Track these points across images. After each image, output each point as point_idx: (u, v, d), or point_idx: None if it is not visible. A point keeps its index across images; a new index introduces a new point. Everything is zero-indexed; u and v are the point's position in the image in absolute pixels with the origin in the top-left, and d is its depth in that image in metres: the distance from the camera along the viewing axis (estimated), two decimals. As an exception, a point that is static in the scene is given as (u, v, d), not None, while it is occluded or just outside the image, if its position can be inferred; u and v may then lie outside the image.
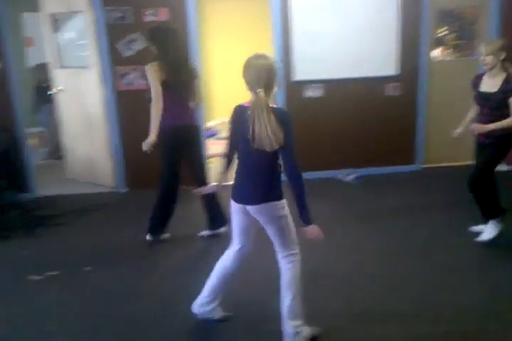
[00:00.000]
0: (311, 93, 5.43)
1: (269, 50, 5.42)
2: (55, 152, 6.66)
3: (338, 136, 5.57)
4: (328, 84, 5.42)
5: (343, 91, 5.46)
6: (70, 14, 5.28)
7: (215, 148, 7.24)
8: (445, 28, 5.64)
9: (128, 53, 4.99)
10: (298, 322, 2.47)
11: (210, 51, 9.10)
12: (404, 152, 5.73)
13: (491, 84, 3.55)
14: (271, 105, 2.32)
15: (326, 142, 5.55)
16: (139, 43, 4.97)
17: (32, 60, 7.76)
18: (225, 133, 8.99)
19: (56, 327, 2.84)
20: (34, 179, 5.28)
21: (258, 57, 2.36)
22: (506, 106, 3.44)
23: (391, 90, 5.51)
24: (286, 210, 2.43)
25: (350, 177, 5.48)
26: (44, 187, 5.39)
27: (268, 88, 2.34)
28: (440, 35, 5.64)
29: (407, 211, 4.50)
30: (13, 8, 6.80)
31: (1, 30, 4.82)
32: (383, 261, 3.52)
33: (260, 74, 2.31)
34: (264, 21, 5.58)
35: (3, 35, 4.84)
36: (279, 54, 5.28)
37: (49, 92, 5.83)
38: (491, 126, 3.48)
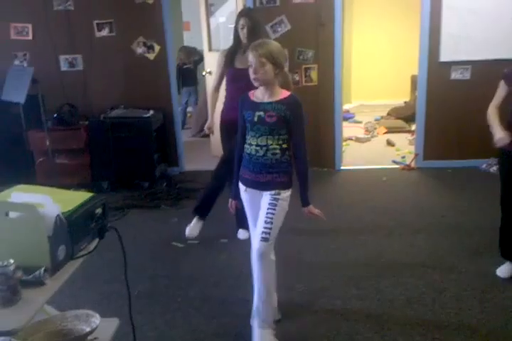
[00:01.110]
0: (458, 75, 5.12)
1: (416, 29, 5.23)
2: (201, 130, 7.13)
3: (486, 123, 5.19)
4: (476, 65, 5.06)
5: (494, 73, 5.05)
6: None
7: (350, 130, 7.23)
8: None
9: (273, 36, 5.13)
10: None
11: (355, 33, 8.96)
12: None
13: None
14: None
15: (473, 129, 5.22)
16: (283, 26, 5.09)
17: (188, 43, 8.33)
18: (359, 116, 8.88)
19: (190, 290, 3.13)
20: (182, 155, 5.73)
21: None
22: None
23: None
24: None
25: (495, 169, 5.10)
26: (190, 162, 5.83)
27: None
28: None
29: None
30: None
31: (163, 15, 5.24)
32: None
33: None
34: (414, 0, 5.36)
35: (165, 20, 5.26)
36: (426, 32, 5.05)
37: (203, 73, 6.15)
38: None
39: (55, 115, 5.05)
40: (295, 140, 2.49)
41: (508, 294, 2.94)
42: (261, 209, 2.50)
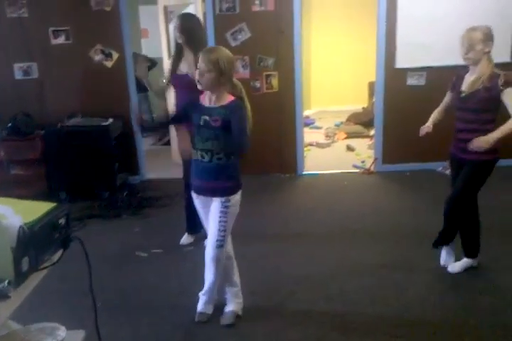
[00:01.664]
0: (414, 81, 5.28)
1: (373, 36, 5.36)
2: (162, 138, 7.07)
3: (440, 127, 5.36)
4: (431, 71, 5.23)
5: (448, 80, 5.23)
6: (183, 6, 5.55)
7: (311, 136, 7.32)
8: None
9: (234, 43, 5.15)
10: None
11: (314, 40, 9.10)
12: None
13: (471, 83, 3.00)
14: None
15: (429, 133, 5.37)
16: (243, 33, 5.13)
17: (146, 50, 8.25)
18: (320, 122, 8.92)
19: (155, 299, 3.09)
20: (144, 163, 5.66)
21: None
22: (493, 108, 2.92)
23: (503, 79, 5.20)
24: None
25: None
26: (152, 170, 5.77)
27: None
28: None
29: None
30: (130, 1, 7.27)
31: (121, 22, 5.17)
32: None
33: None
34: (370, 8, 5.50)
35: (123, 27, 5.20)
36: (382, 40, 5.20)
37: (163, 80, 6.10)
38: (496, 135, 2.82)
39: (9, 124, 4.90)
40: (234, 133, 2.48)
41: (466, 291, 3.04)
42: (212, 215, 2.60)
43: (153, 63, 6.95)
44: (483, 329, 2.66)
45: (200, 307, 2.84)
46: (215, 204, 2.59)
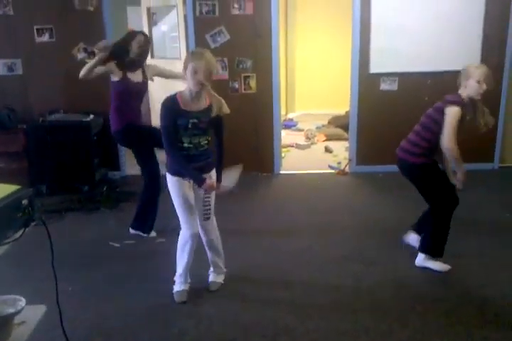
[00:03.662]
0: (386, 86, 5.48)
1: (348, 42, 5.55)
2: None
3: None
4: (403, 77, 5.43)
5: (419, 85, 5.45)
6: (165, 8, 5.72)
7: (292, 138, 7.51)
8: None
9: (213, 45, 5.32)
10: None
11: (293, 45, 9.31)
12: (483, 150, 5.60)
13: None
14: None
15: (399, 137, 5.57)
16: (222, 36, 5.30)
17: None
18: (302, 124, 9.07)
19: (125, 285, 3.24)
20: (123, 159, 5.81)
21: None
22: None
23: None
24: None
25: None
26: (132, 167, 5.90)
27: None
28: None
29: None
30: (118, 1, 7.42)
31: (104, 22, 5.33)
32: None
33: None
34: (346, 15, 5.70)
35: (106, 26, 5.35)
36: (356, 46, 5.39)
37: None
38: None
39: (-7, 118, 5.04)
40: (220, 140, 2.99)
41: (419, 283, 3.23)
42: (197, 195, 2.98)
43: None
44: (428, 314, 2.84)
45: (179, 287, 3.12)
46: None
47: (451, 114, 3.06)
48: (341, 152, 6.71)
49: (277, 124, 5.72)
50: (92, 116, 5.21)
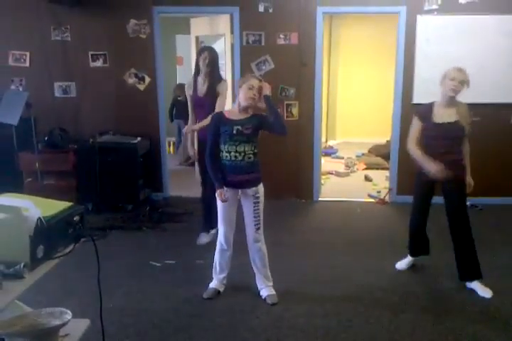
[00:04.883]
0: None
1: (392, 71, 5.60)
2: (188, 159, 7.39)
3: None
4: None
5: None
6: (214, 37, 5.93)
7: (332, 165, 7.54)
8: None
9: (258, 73, 5.46)
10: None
11: (335, 74, 9.42)
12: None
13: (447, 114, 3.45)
14: None
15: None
16: (267, 65, 5.46)
17: (180, 76, 8.71)
18: (342, 152, 9.12)
19: (164, 306, 3.31)
20: (167, 181, 5.96)
21: None
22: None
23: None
24: None
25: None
26: (175, 188, 6.06)
27: None
28: None
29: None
30: (169, 30, 7.76)
31: (155, 49, 5.58)
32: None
33: None
34: (391, 44, 5.77)
35: (157, 53, 5.60)
36: (400, 76, 5.44)
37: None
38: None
39: (46, 138, 5.30)
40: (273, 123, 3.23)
41: (405, 282, 3.18)
42: (247, 207, 3.24)
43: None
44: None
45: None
46: (247, 197, 3.22)
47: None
48: (381, 181, 6.68)
49: (317, 151, 5.77)
50: (139, 139, 5.40)
